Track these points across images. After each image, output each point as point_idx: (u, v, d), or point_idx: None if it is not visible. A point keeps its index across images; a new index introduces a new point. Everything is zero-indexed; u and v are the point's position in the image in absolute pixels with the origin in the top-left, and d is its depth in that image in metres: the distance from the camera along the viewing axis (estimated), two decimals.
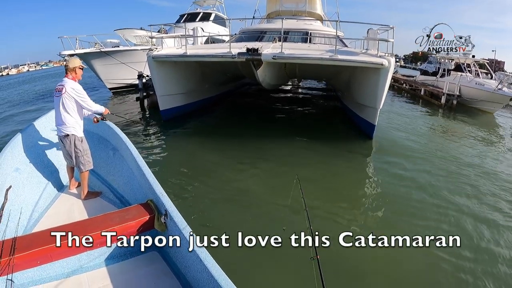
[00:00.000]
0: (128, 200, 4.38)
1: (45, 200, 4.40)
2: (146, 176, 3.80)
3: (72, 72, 4.47)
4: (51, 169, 4.97)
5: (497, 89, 17.49)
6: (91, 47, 17.47)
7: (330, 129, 11.48)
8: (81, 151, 4.53)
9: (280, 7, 17.43)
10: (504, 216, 5.93)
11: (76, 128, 4.50)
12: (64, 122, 4.41)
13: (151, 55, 9.95)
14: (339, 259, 4.05)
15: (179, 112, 11.53)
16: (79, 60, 4.72)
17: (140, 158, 4.23)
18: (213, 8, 26.27)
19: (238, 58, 8.75)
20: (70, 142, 4.47)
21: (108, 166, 5.20)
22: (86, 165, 4.59)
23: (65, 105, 4.37)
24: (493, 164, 9.09)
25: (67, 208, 4.32)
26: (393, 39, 8.94)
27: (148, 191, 3.72)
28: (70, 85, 4.35)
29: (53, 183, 4.80)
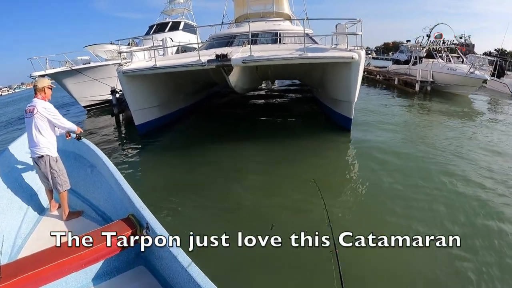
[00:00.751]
0: (110, 217, 4.32)
1: (27, 225, 4.30)
2: (125, 191, 3.75)
3: (42, 92, 4.42)
4: (31, 193, 4.87)
5: (469, 73, 17.82)
6: (61, 66, 17.09)
7: (308, 128, 11.45)
8: (57, 171, 4.45)
9: (247, 10, 17.46)
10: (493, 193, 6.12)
11: (50, 149, 4.43)
12: (37, 143, 4.34)
13: (121, 70, 9.80)
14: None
15: (155, 125, 11.37)
16: (48, 79, 4.66)
17: (118, 173, 4.18)
18: (182, 16, 26.16)
19: (208, 65, 8.66)
20: (45, 163, 4.39)
21: (87, 184, 5.13)
22: (64, 185, 4.51)
23: (38, 125, 4.30)
24: (468, 145, 9.33)
25: (50, 232, 4.14)
26: (361, 32, 9.00)
27: (129, 205, 3.67)
28: (41, 105, 4.30)
29: (34, 207, 4.70)
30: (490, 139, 9.99)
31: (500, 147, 9.12)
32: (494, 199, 5.87)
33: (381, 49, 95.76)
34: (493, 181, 6.62)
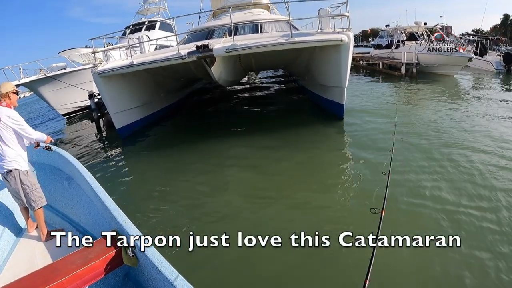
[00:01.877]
0: (92, 233, 3.86)
1: (3, 249, 3.85)
2: (106, 204, 3.37)
3: (6, 98, 3.89)
4: (5, 213, 4.40)
5: (454, 51, 17.85)
6: (36, 74, 16.36)
7: (297, 119, 11.03)
8: (29, 186, 3.95)
9: (225, 2, 17.09)
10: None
11: (19, 162, 3.92)
12: (4, 157, 3.84)
13: (96, 71, 9.23)
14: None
15: (137, 127, 10.86)
16: (12, 84, 4.13)
17: (97, 184, 3.78)
18: (158, 15, 25.63)
19: (188, 58, 8.15)
20: (14, 179, 3.89)
21: (65, 198, 4.67)
22: (38, 202, 4.01)
23: (3, 136, 3.80)
24: (461, 122, 9.28)
25: (28, 255, 3.82)
26: (348, 13, 8.61)
27: (111, 220, 3.28)
28: (5, 113, 3.76)
29: (10, 228, 4.23)
30: (482, 116, 9.92)
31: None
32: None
33: (359, 37, 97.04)
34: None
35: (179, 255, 3.48)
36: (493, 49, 27.77)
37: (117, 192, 6.61)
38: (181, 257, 3.57)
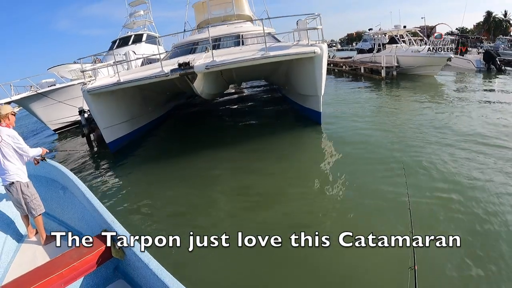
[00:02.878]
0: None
1: (6, 254, 4.24)
2: (96, 208, 3.80)
3: (5, 119, 4.36)
4: (7, 221, 4.80)
5: (433, 52, 18.33)
6: (27, 90, 16.68)
7: (280, 127, 11.50)
8: (29, 196, 4.41)
9: (208, 15, 17.41)
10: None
11: (19, 175, 4.39)
12: (6, 171, 4.31)
13: (86, 89, 9.63)
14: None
15: (126, 141, 11.24)
16: (10, 106, 4.61)
17: (88, 191, 4.21)
18: (144, 28, 25.94)
19: (171, 75, 8.62)
20: (16, 190, 4.35)
21: (61, 206, 5.08)
22: (37, 209, 4.46)
23: (4, 153, 4.27)
24: (441, 118, 9.96)
25: (31, 258, 4.21)
26: (321, 26, 9.13)
27: (101, 221, 3.71)
28: (5, 133, 4.25)
29: (12, 235, 4.64)
30: (450, 114, 10.59)
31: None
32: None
33: (345, 41, 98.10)
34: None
35: (179, 255, 3.82)
36: (476, 47, 28.38)
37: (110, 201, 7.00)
38: (181, 257, 3.94)
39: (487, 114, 10.14)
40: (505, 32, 61.20)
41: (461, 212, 5.00)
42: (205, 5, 17.73)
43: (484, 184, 5.72)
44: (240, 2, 18.19)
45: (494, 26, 66.95)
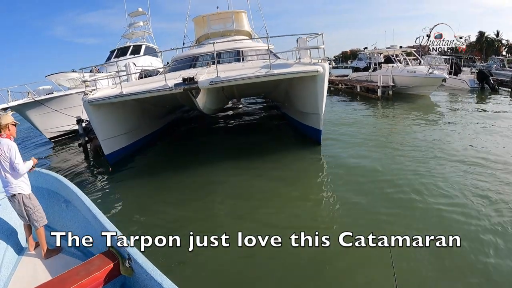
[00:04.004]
0: (90, 250, 4.25)
1: (7, 267, 4.18)
2: (104, 224, 3.77)
3: (6, 130, 4.28)
4: (7, 233, 4.72)
5: (428, 73, 18.63)
6: (24, 97, 16.53)
7: (279, 144, 11.56)
8: (31, 208, 4.36)
9: (208, 29, 17.58)
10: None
11: (22, 186, 4.34)
12: (8, 183, 4.27)
13: (87, 99, 9.55)
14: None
15: (124, 153, 11.18)
16: (11, 116, 4.49)
17: (93, 206, 4.18)
18: (143, 39, 26.04)
19: (175, 89, 8.65)
20: (18, 202, 4.32)
21: (63, 219, 5.03)
22: (40, 221, 4.42)
23: (5, 166, 4.21)
24: (437, 137, 10.17)
25: (31, 271, 4.15)
26: (323, 45, 9.26)
27: (108, 238, 3.65)
28: (6, 146, 4.17)
29: (12, 247, 4.57)
30: (454, 133, 10.80)
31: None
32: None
33: (339, 58, 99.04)
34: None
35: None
36: (469, 66, 28.82)
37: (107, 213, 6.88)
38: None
39: (486, 136, 10.35)
40: (497, 52, 62.53)
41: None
42: (205, 19, 17.91)
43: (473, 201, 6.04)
44: (240, 18, 18.36)
45: (486, 46, 68.26)
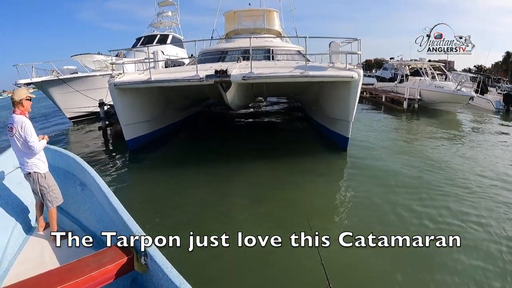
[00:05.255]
0: (102, 239, 4.04)
1: (13, 245, 4.05)
2: (120, 213, 3.58)
3: (19, 106, 4.11)
4: (18, 210, 4.60)
5: (457, 90, 18.20)
6: (48, 74, 16.57)
7: (302, 145, 11.36)
8: (46, 188, 4.24)
9: (238, 25, 17.46)
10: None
11: (38, 165, 4.22)
12: (24, 161, 4.15)
13: (113, 82, 9.39)
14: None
15: (145, 141, 11.03)
16: (26, 90, 4.32)
17: (111, 193, 3.99)
18: (170, 29, 26.05)
19: (206, 81, 8.44)
20: (33, 180, 4.21)
21: (77, 203, 4.87)
22: (54, 201, 4.30)
23: (19, 145, 4.09)
24: (461, 160, 9.60)
25: (38, 254, 3.99)
26: (360, 51, 8.98)
27: (123, 229, 3.47)
28: (19, 124, 4.01)
29: (21, 225, 4.45)
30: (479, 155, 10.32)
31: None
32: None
33: (363, 66, 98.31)
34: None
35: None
36: (494, 86, 28.22)
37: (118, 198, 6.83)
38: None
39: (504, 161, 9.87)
40: None
41: None
42: (237, 15, 17.75)
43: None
44: (272, 17, 18.18)
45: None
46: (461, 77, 21.34)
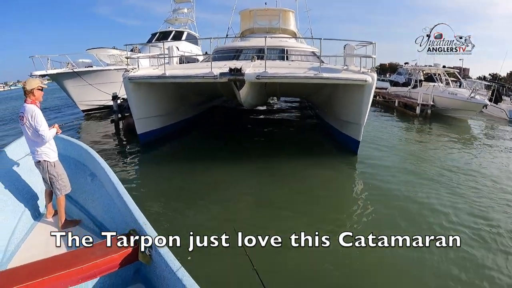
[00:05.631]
0: (108, 229, 4.15)
1: (21, 230, 4.15)
2: (128, 205, 3.63)
3: (30, 95, 4.18)
4: (27, 196, 4.70)
5: (470, 97, 17.99)
6: (62, 67, 16.82)
7: (312, 145, 11.39)
8: (55, 176, 4.34)
9: (254, 24, 17.45)
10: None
11: (48, 154, 4.32)
12: (34, 149, 4.26)
13: (127, 76, 9.52)
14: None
15: (157, 135, 11.15)
16: (38, 80, 4.37)
17: (120, 185, 4.05)
18: (185, 26, 26.15)
19: (220, 78, 8.49)
20: (43, 168, 4.31)
21: (86, 192, 4.96)
22: (62, 190, 4.40)
23: (30, 134, 4.18)
24: (471, 167, 9.50)
25: (45, 239, 4.08)
26: (375, 55, 8.94)
27: (130, 220, 3.54)
28: (29, 113, 4.09)
29: (29, 211, 4.55)
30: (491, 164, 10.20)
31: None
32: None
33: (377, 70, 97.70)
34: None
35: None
36: (509, 95, 27.85)
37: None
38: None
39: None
40: None
41: None
42: (252, 14, 17.78)
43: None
44: (287, 17, 18.13)
45: None
46: (475, 85, 21.04)
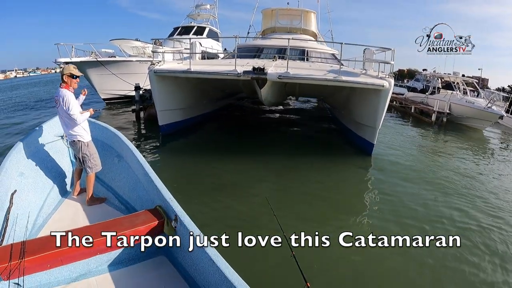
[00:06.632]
0: (134, 207, 4.43)
1: (49, 205, 4.41)
2: (154, 182, 3.89)
3: (63, 81, 4.42)
4: (55, 174, 4.99)
5: (487, 107, 17.92)
6: (86, 55, 17.23)
7: (327, 145, 11.62)
8: (88, 155, 4.63)
9: (275, 23, 17.66)
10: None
11: (82, 135, 4.60)
12: (69, 130, 4.53)
13: (153, 69, 9.90)
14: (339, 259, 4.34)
15: (177, 127, 11.53)
16: (72, 67, 4.49)
17: (147, 164, 4.32)
18: (207, 22, 26.38)
19: (243, 76, 8.81)
20: (77, 148, 4.60)
21: (113, 173, 5.24)
22: (93, 168, 4.69)
23: (63, 115, 4.44)
24: (483, 178, 9.49)
25: (72, 214, 4.35)
26: (393, 61, 9.15)
27: (156, 197, 3.81)
28: (62, 97, 4.32)
29: (58, 188, 4.83)
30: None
31: None
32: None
33: (395, 76, 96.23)
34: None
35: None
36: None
37: None
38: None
39: None
40: None
41: None
42: (274, 13, 18.00)
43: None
44: (309, 17, 18.30)
45: None
46: (493, 96, 20.92)
